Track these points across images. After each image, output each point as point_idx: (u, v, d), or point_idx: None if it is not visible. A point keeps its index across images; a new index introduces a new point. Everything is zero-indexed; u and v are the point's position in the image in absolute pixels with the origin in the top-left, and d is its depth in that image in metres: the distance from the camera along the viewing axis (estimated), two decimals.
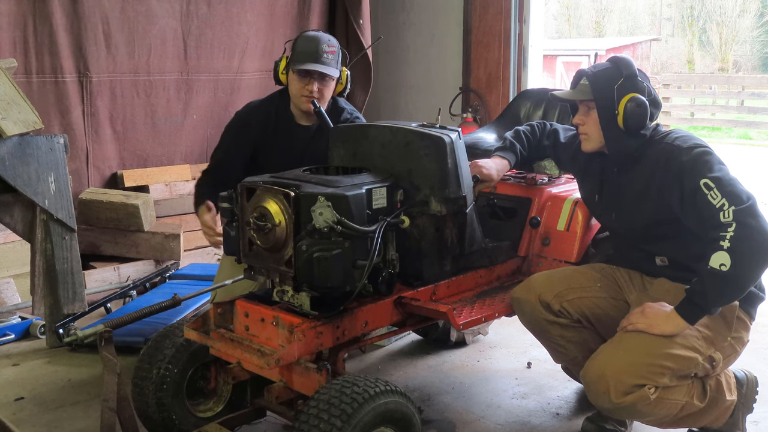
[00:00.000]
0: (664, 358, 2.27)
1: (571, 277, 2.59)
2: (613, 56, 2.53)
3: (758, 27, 24.58)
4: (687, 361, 2.31)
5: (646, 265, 2.55)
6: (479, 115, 5.57)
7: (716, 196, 2.25)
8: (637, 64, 2.53)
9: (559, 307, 2.51)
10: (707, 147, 2.38)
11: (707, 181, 2.27)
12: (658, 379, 2.26)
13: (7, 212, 3.45)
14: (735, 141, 13.47)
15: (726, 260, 2.17)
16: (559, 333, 2.55)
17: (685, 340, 2.31)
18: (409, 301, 2.45)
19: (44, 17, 4.29)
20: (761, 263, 2.22)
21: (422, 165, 2.45)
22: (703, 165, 2.32)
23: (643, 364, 2.25)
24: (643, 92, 2.45)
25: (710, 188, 2.26)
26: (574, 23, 27.51)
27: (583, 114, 2.55)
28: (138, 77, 4.76)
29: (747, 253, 2.18)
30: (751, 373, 2.67)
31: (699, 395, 2.39)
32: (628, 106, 2.41)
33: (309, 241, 2.14)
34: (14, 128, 3.27)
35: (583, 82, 2.52)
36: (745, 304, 2.43)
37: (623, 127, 2.43)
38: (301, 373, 2.28)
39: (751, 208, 2.21)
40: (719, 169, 2.30)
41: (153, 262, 4.44)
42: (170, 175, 4.90)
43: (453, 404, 3.00)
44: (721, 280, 2.20)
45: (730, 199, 2.23)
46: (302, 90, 3.01)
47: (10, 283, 3.99)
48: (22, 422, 2.84)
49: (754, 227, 2.19)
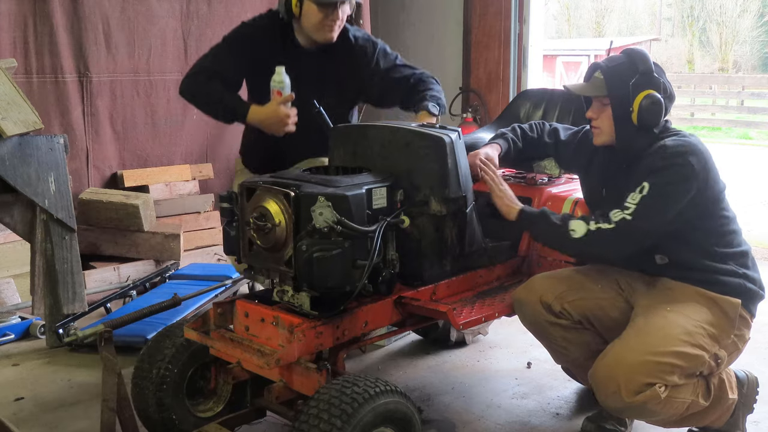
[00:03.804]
0: (673, 356, 2.27)
1: (573, 278, 2.59)
2: (629, 49, 2.49)
3: (758, 27, 24.59)
4: (695, 359, 2.31)
5: (646, 263, 2.54)
6: (479, 115, 5.57)
7: (634, 199, 2.35)
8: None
9: (561, 308, 2.51)
10: (688, 167, 2.34)
11: (645, 185, 2.35)
12: (668, 378, 2.26)
13: (7, 212, 3.45)
14: (735, 141, 13.46)
15: (581, 233, 2.39)
16: (560, 334, 2.54)
17: (692, 337, 2.32)
18: (409, 301, 2.45)
19: (44, 17, 4.29)
20: (574, 255, 2.66)
21: (422, 165, 2.45)
22: (662, 173, 2.34)
23: (653, 362, 2.25)
24: (659, 88, 2.42)
25: (641, 191, 2.35)
26: (574, 23, 27.52)
27: (597, 108, 2.52)
28: (138, 77, 4.76)
29: (594, 248, 2.42)
30: (752, 373, 2.67)
31: (704, 394, 2.39)
32: (644, 104, 2.38)
33: (309, 241, 2.14)
34: (14, 128, 3.27)
35: (597, 75, 2.48)
36: (747, 302, 2.44)
37: (637, 123, 2.42)
38: (301, 373, 2.28)
39: (633, 235, 2.35)
40: (665, 191, 2.33)
41: (153, 262, 4.44)
42: (170, 175, 4.90)
43: (453, 404, 3.00)
44: (559, 234, 2.43)
45: (635, 210, 2.34)
46: (325, 21, 2.97)
47: (10, 283, 3.99)
48: (22, 422, 2.84)
49: (613, 244, 2.38)
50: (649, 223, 2.35)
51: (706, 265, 2.43)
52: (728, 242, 2.46)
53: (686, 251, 2.44)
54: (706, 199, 2.40)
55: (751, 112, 14.31)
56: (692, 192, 2.35)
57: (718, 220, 2.45)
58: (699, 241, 2.43)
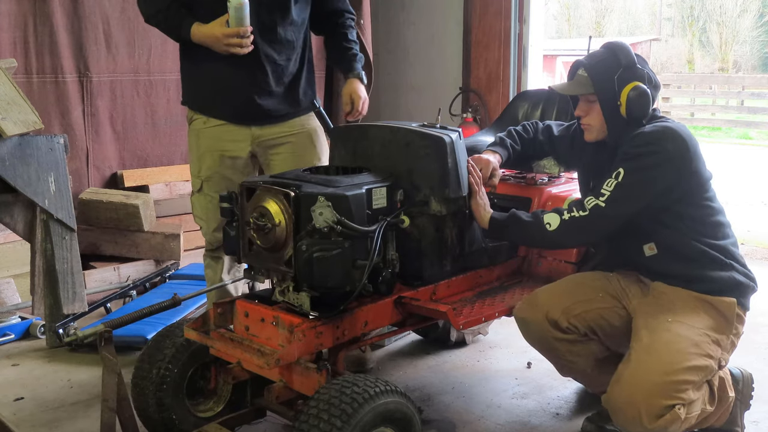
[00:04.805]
0: (687, 372, 2.25)
1: (575, 290, 2.55)
2: (609, 43, 2.50)
3: (758, 27, 24.58)
4: (705, 370, 2.30)
5: (635, 255, 2.50)
6: (479, 115, 5.57)
7: (609, 186, 2.36)
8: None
9: (567, 324, 2.47)
10: (663, 153, 2.34)
11: (621, 170, 2.36)
12: (685, 396, 2.24)
13: (7, 212, 3.45)
14: (735, 141, 13.46)
15: (555, 225, 2.41)
16: (567, 349, 2.51)
17: (700, 348, 2.30)
18: (409, 301, 2.45)
19: (44, 17, 4.29)
20: (554, 247, 2.72)
21: (422, 165, 2.45)
22: (637, 159, 2.35)
23: (670, 383, 2.22)
24: (643, 79, 2.42)
25: (618, 176, 2.36)
26: (574, 23, 27.51)
27: (585, 106, 2.52)
28: (138, 77, 4.76)
29: (570, 236, 2.45)
30: (746, 369, 2.66)
31: (709, 399, 2.38)
32: (631, 96, 2.38)
33: (309, 241, 2.14)
34: (14, 128, 3.27)
35: (581, 73, 2.49)
36: (741, 298, 2.43)
37: (626, 116, 2.42)
38: (301, 373, 2.28)
39: (606, 220, 2.38)
40: (638, 177, 2.34)
41: (153, 262, 4.44)
42: (170, 175, 4.90)
43: (453, 404, 3.00)
44: (534, 230, 2.45)
45: (609, 197, 2.35)
46: None
47: (10, 283, 3.99)
48: (22, 422, 2.84)
49: (586, 231, 2.42)
50: (621, 208, 2.36)
51: (694, 257, 2.40)
52: (715, 234, 2.43)
53: (674, 241, 2.41)
54: (689, 187, 2.38)
55: (751, 112, 14.29)
56: (668, 177, 2.33)
57: (704, 210, 2.43)
58: (686, 230, 2.40)
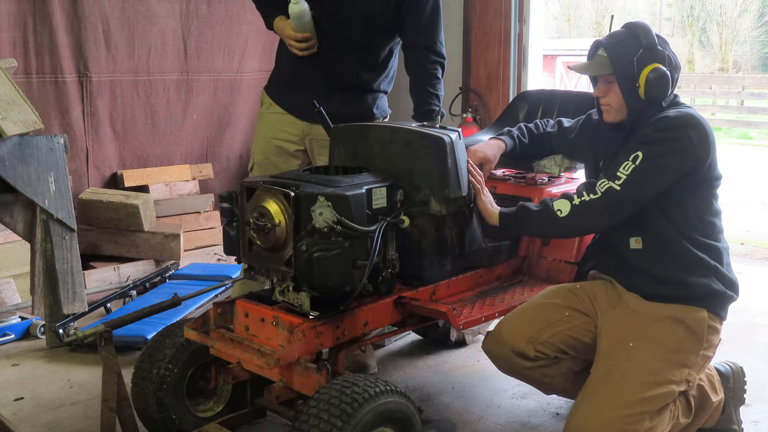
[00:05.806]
0: (639, 405, 2.22)
1: (539, 315, 2.49)
2: (630, 23, 2.45)
3: (758, 27, 24.57)
4: (663, 397, 2.26)
5: (619, 245, 2.45)
6: (479, 116, 5.57)
7: (626, 168, 2.32)
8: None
9: (535, 353, 2.43)
10: (686, 140, 2.30)
11: (639, 154, 2.31)
12: (639, 427, 2.21)
13: (7, 212, 3.45)
14: (735, 141, 13.46)
15: (566, 211, 2.36)
16: (541, 373, 2.47)
17: (658, 376, 2.26)
18: (409, 301, 2.45)
19: (44, 17, 4.29)
20: (567, 234, 2.61)
21: (422, 165, 2.45)
22: (659, 143, 2.31)
23: (621, 417, 2.20)
24: (664, 61, 2.37)
25: (636, 160, 2.31)
26: (574, 23, 27.50)
27: (604, 87, 2.47)
28: (138, 77, 4.76)
29: (583, 221, 2.39)
30: (736, 364, 2.62)
31: (684, 412, 2.36)
32: (650, 78, 2.34)
33: (309, 241, 2.14)
34: (14, 128, 3.27)
35: (600, 53, 2.44)
36: (716, 308, 2.37)
37: (645, 98, 2.37)
38: (301, 373, 2.28)
39: (620, 204, 2.32)
40: (659, 163, 2.30)
41: (153, 262, 4.44)
42: (170, 175, 4.91)
43: (453, 404, 3.00)
44: (546, 218, 2.40)
45: (625, 180, 2.30)
46: None
47: (10, 283, 3.99)
48: (22, 422, 2.84)
49: (600, 214, 2.35)
50: (637, 192, 2.31)
51: (677, 257, 2.35)
52: (708, 233, 2.38)
53: (663, 236, 2.36)
54: (700, 177, 2.34)
55: (751, 112, 14.29)
56: (687, 167, 2.30)
57: (705, 204, 2.39)
58: (680, 223, 2.35)
